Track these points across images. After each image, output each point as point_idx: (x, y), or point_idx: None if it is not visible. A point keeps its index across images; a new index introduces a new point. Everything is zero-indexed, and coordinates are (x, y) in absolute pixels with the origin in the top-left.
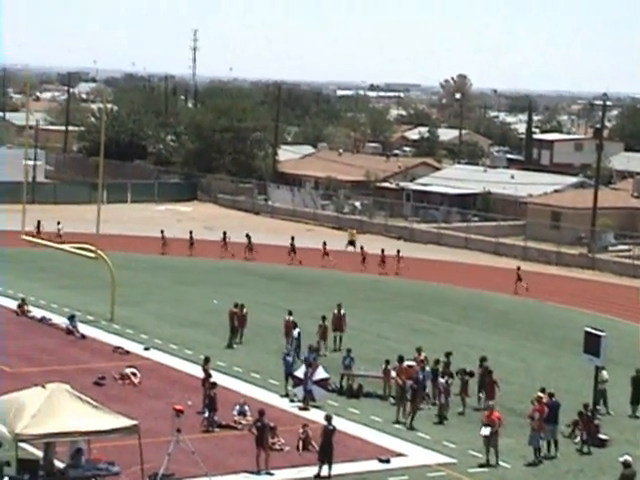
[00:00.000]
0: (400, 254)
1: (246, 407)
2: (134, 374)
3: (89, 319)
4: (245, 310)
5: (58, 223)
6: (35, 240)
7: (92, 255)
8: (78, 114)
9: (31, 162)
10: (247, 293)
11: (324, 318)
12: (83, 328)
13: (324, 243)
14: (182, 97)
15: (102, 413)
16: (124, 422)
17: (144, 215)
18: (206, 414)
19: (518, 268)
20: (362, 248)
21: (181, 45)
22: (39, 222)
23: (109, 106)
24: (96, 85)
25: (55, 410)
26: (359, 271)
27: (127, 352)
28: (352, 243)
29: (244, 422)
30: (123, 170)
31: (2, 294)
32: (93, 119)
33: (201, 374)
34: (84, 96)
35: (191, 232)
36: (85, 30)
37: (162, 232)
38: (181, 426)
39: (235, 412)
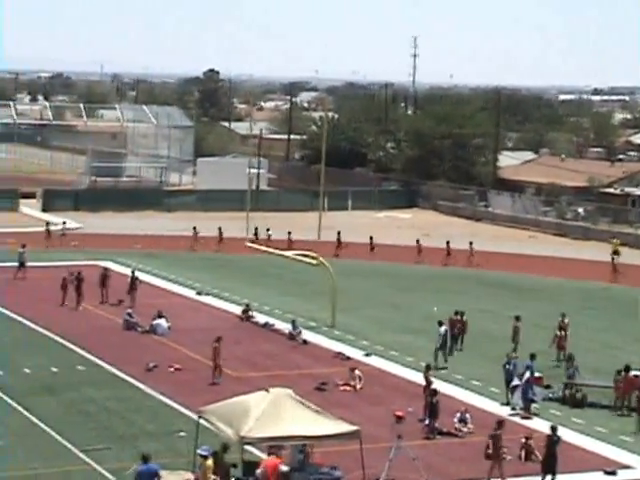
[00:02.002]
0: (472, 246)
1: (467, 415)
2: (360, 378)
3: (311, 325)
4: (465, 317)
5: (64, 223)
6: (259, 247)
7: (314, 262)
8: (300, 123)
9: (255, 170)
10: (467, 300)
11: (561, 328)
12: (305, 334)
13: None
14: (402, 104)
15: (324, 418)
16: (346, 427)
17: (364, 222)
18: (427, 421)
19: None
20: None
21: (401, 53)
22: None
23: (330, 114)
24: (317, 94)
25: (279, 414)
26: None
27: (348, 358)
28: (616, 253)
29: (465, 430)
30: (343, 177)
31: (228, 300)
32: (314, 127)
33: (422, 381)
34: (306, 105)
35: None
36: (307, 41)
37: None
38: (402, 432)
39: (456, 420)
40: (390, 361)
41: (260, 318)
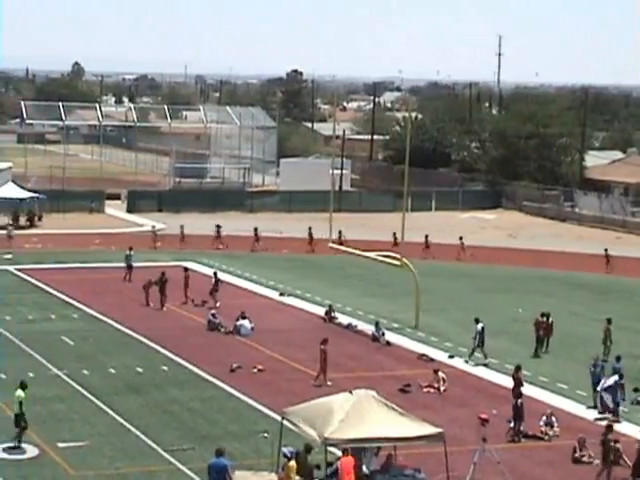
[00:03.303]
0: (462, 240)
1: (553, 418)
2: (444, 380)
3: (394, 326)
4: (551, 319)
5: None
6: (341, 248)
7: (397, 263)
8: (383, 123)
9: (338, 171)
10: (552, 301)
11: None
12: (388, 335)
13: (426, 236)
14: (486, 104)
15: (408, 420)
16: (430, 429)
17: (448, 223)
18: (512, 423)
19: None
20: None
21: (486, 52)
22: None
23: (414, 114)
24: (401, 94)
25: (362, 416)
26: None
27: (432, 359)
28: None
29: (551, 433)
30: (427, 178)
31: (310, 301)
32: (398, 128)
33: (507, 382)
34: (389, 105)
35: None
36: (391, 41)
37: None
38: (486, 435)
39: (542, 422)
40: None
41: (343, 319)
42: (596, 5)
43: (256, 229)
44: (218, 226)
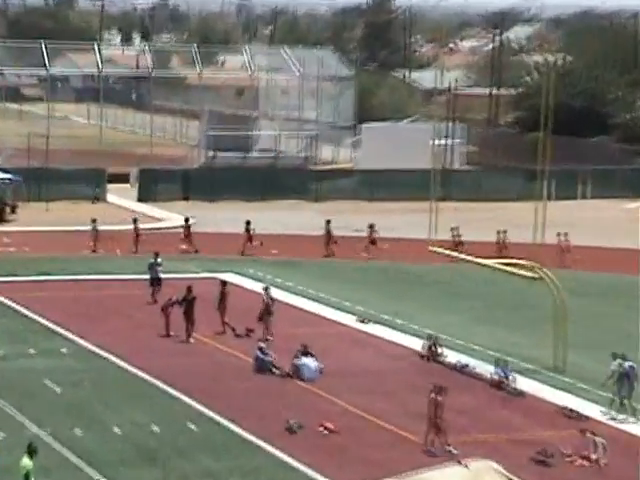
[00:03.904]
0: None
1: None
2: (602, 446)
3: (526, 367)
4: None
5: None
6: (448, 252)
7: (531, 274)
8: (511, 71)
9: (444, 141)
10: None
11: None
12: (518, 380)
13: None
14: None
15: None
16: None
17: (606, 215)
18: None
19: None
20: None
21: None
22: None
23: (556, 58)
24: (537, 28)
25: None
26: None
27: (581, 416)
28: None
29: None
30: (577, 151)
31: (403, 330)
32: (532, 77)
33: None
34: (519, 44)
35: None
36: None
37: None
38: None
39: None
40: None
41: (451, 356)
42: None
43: (248, 222)
44: (187, 219)
